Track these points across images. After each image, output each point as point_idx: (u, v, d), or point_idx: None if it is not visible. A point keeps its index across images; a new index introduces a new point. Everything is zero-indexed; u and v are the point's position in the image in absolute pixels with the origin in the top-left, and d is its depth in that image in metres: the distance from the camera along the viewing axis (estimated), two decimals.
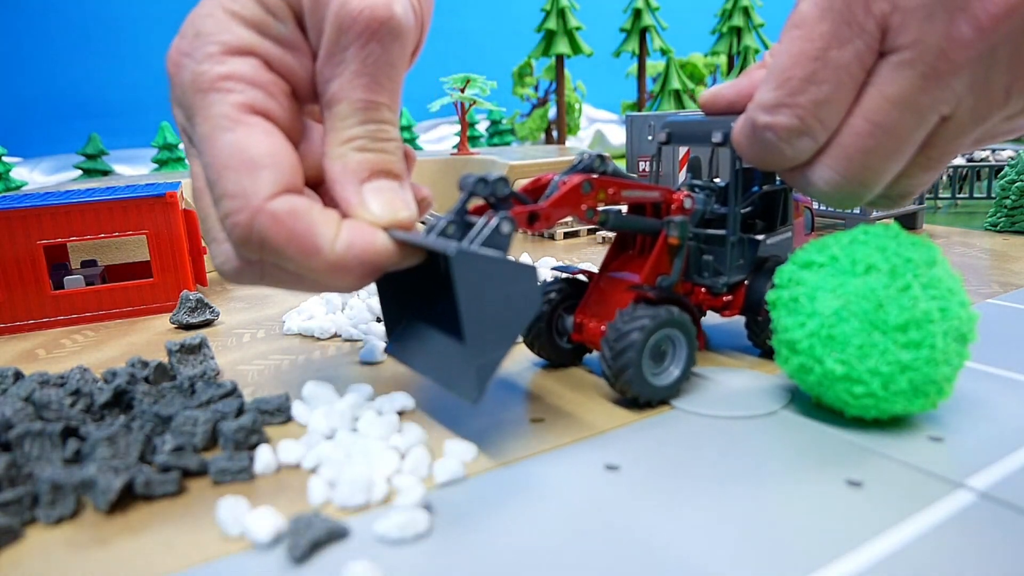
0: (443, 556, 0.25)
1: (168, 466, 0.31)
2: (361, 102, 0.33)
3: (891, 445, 0.31)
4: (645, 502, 0.28)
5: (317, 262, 0.31)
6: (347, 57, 0.32)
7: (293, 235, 0.30)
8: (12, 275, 0.55)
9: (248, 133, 0.31)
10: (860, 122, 0.30)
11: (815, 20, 0.29)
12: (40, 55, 1.48)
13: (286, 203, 0.31)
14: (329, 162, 0.33)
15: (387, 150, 0.33)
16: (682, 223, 0.38)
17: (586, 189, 0.36)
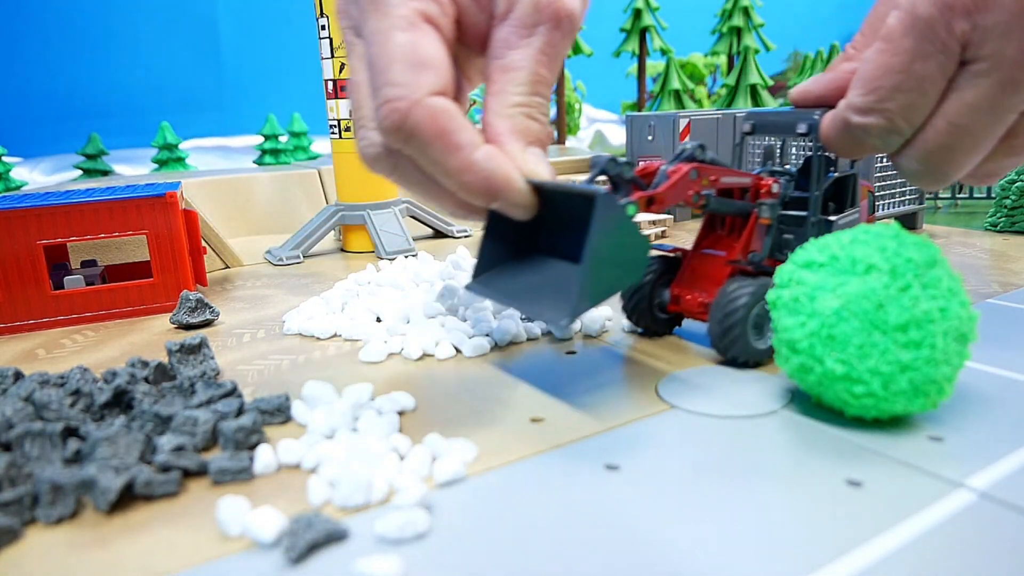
0: (443, 556, 0.25)
1: (168, 466, 0.31)
2: (538, 76, 0.36)
3: (891, 445, 0.31)
4: (645, 502, 0.28)
5: (454, 161, 0.34)
6: (535, 34, 0.36)
7: (442, 130, 0.33)
8: (12, 275, 0.55)
9: (421, 36, 0.34)
10: (942, 123, 0.34)
11: (900, 36, 0.33)
12: (40, 55, 1.48)
13: (443, 102, 0.33)
14: (497, 119, 0.36)
15: (545, 124, 0.37)
16: (773, 205, 0.43)
17: (693, 176, 0.40)
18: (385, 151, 0.36)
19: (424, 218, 0.87)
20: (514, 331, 0.47)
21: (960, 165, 0.35)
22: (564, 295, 0.34)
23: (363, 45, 0.36)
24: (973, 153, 0.34)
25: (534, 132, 0.36)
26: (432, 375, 0.43)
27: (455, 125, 0.33)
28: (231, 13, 1.67)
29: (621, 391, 0.39)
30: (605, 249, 0.33)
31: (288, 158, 1.36)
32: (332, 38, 0.74)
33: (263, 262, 0.78)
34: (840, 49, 1.44)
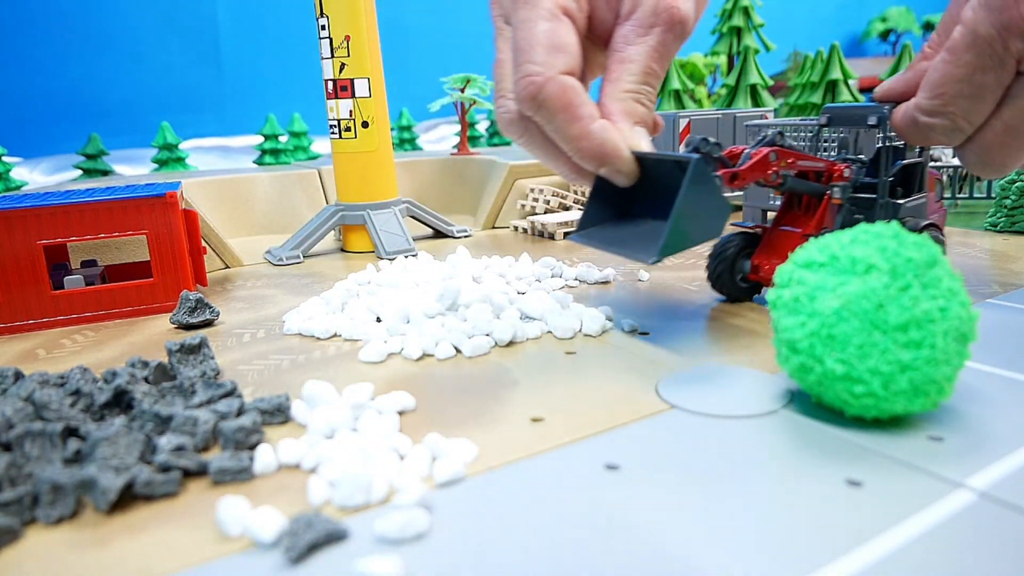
0: (443, 556, 0.25)
1: (168, 466, 0.31)
2: (649, 68, 0.43)
3: (891, 445, 0.31)
4: (645, 502, 0.28)
5: (575, 129, 0.41)
6: (651, 34, 0.42)
7: (568, 103, 0.40)
8: (12, 275, 0.55)
9: (559, 25, 0.41)
10: (999, 125, 0.40)
11: (962, 50, 0.38)
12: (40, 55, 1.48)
13: (571, 80, 0.41)
14: (611, 101, 0.42)
15: (650, 109, 0.44)
16: (844, 187, 0.49)
17: (772, 158, 0.47)
18: (518, 118, 0.43)
19: (424, 218, 0.87)
20: (514, 331, 0.47)
21: (1015, 159, 0.42)
22: (653, 241, 0.41)
23: (510, 31, 0.43)
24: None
25: (641, 115, 0.43)
26: (432, 375, 0.43)
27: (579, 100, 0.40)
28: (231, 13, 1.67)
29: (621, 391, 0.39)
30: (692, 205, 0.40)
31: (288, 158, 1.36)
32: (332, 38, 0.74)
33: (263, 262, 0.78)
34: (840, 49, 1.44)
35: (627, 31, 0.43)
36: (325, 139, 1.50)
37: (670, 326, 0.50)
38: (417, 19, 1.92)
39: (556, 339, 0.48)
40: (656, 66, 0.43)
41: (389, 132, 0.81)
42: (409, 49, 1.87)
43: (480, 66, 1.12)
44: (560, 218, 0.84)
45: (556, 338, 0.48)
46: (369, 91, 0.76)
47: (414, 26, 1.92)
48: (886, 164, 0.50)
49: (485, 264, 0.63)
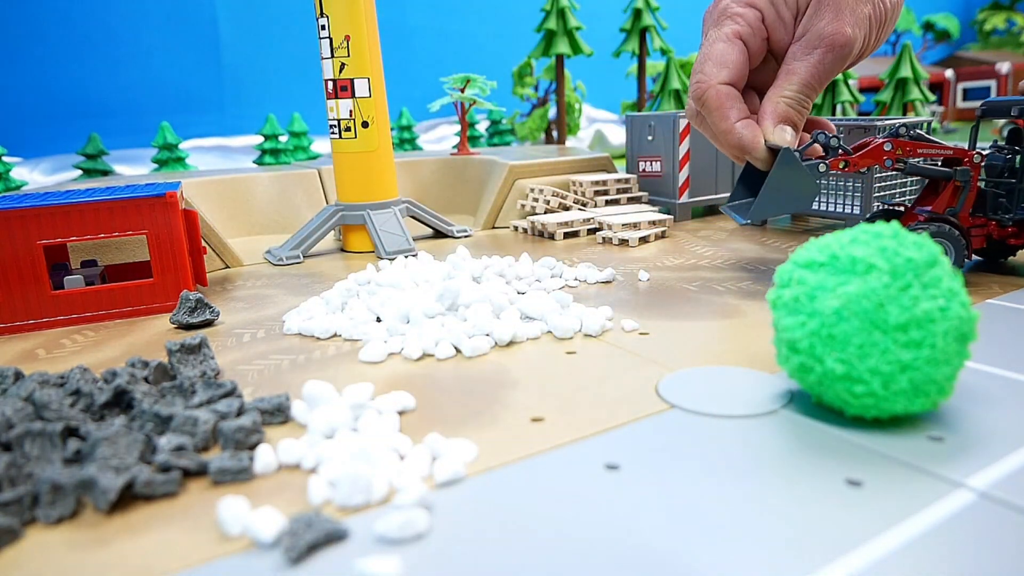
0: (443, 556, 0.25)
1: (168, 466, 0.31)
2: (808, 82, 0.53)
3: (891, 445, 0.31)
4: (645, 502, 0.28)
5: (724, 125, 0.53)
6: (814, 53, 0.52)
7: (720, 105, 0.53)
8: (12, 275, 0.55)
9: (730, 47, 0.54)
10: None
11: None
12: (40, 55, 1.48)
13: (726, 89, 0.53)
14: (768, 102, 0.53)
15: (800, 113, 0.53)
16: (963, 171, 0.54)
17: (887, 147, 0.54)
18: (692, 112, 0.57)
19: (424, 218, 0.87)
20: (514, 331, 0.47)
21: None
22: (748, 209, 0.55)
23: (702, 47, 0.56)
24: None
25: (790, 117, 0.53)
26: (432, 375, 0.43)
27: (730, 104, 0.53)
28: (231, 13, 1.67)
29: (621, 391, 0.39)
30: (780, 182, 0.52)
31: (288, 158, 1.36)
32: (332, 38, 0.74)
33: (263, 262, 0.78)
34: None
35: (796, 49, 0.53)
36: (325, 139, 1.50)
37: (670, 326, 0.50)
38: (417, 19, 1.92)
39: (556, 339, 0.48)
40: (815, 81, 0.53)
41: (389, 132, 0.81)
42: (409, 49, 1.87)
43: (480, 66, 1.12)
44: (560, 218, 0.84)
45: (556, 338, 0.48)
46: (369, 91, 0.76)
47: (414, 26, 1.92)
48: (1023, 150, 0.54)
49: (485, 264, 0.63)
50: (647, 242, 0.79)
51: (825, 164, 0.53)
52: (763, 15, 0.54)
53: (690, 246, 0.76)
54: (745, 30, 0.54)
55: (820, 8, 0.53)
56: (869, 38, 0.55)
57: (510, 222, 0.90)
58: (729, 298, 0.56)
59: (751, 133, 0.53)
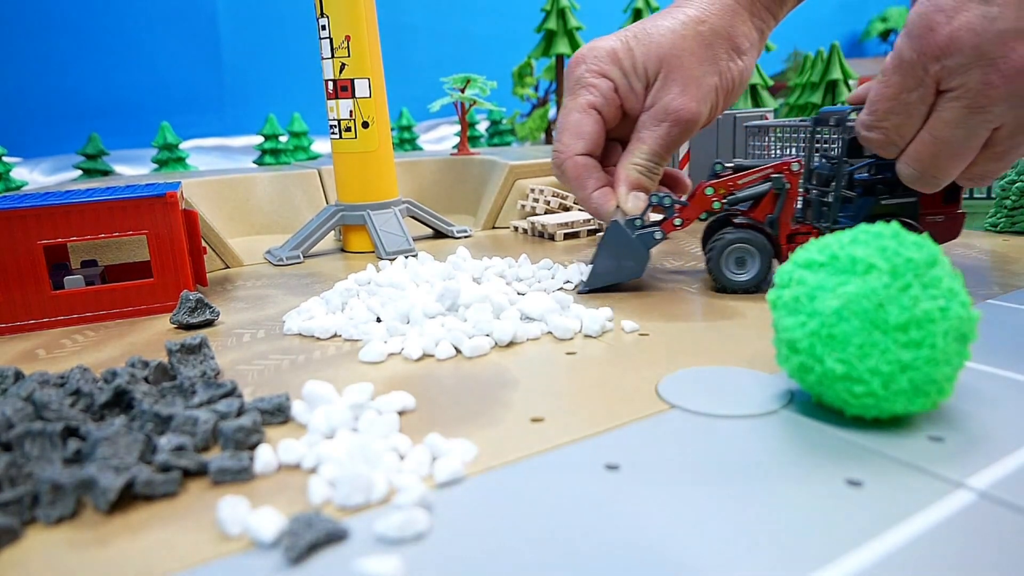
0: (443, 556, 0.25)
1: (168, 466, 0.31)
2: (653, 151, 0.58)
3: (891, 445, 0.31)
4: (645, 502, 0.28)
5: (581, 194, 0.59)
6: (661, 125, 0.57)
7: (578, 175, 0.58)
8: (12, 275, 0.55)
9: (585, 119, 0.58)
10: (928, 136, 0.44)
11: (891, 72, 0.44)
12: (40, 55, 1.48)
13: (583, 160, 0.58)
14: (621, 168, 0.58)
15: (650, 178, 0.58)
16: (777, 178, 0.55)
17: (709, 192, 0.57)
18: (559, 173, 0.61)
19: (424, 218, 0.87)
20: (514, 331, 0.47)
21: (946, 169, 0.45)
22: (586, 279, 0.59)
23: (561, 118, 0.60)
24: (955, 160, 0.44)
25: (641, 183, 0.58)
26: (432, 375, 0.43)
27: (587, 174, 0.58)
28: (231, 13, 1.67)
29: (621, 391, 0.39)
30: (611, 253, 0.57)
31: (288, 158, 1.36)
32: (332, 38, 0.74)
33: (263, 262, 0.78)
34: (840, 49, 1.44)
35: (646, 118, 0.57)
36: (325, 139, 1.50)
37: (670, 326, 0.50)
38: (417, 19, 1.92)
39: (556, 339, 0.48)
40: (662, 150, 0.57)
41: (389, 132, 0.81)
42: (409, 49, 1.88)
43: (480, 66, 1.12)
44: (560, 219, 0.84)
45: (556, 338, 0.48)
46: (369, 91, 0.76)
47: (414, 26, 1.92)
48: (840, 161, 0.54)
49: (485, 265, 0.63)
50: None
51: (661, 232, 0.57)
52: (616, 85, 0.57)
53: (690, 247, 0.76)
54: (599, 100, 0.57)
55: (668, 82, 0.56)
56: (716, 107, 0.58)
57: (510, 222, 0.90)
58: (729, 298, 0.56)
59: (606, 202, 0.58)
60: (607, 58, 0.57)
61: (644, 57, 0.56)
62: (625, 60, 0.57)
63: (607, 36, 0.59)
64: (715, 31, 0.56)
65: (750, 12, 0.58)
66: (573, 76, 0.59)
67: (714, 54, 0.56)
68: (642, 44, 0.56)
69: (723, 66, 0.57)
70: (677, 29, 0.56)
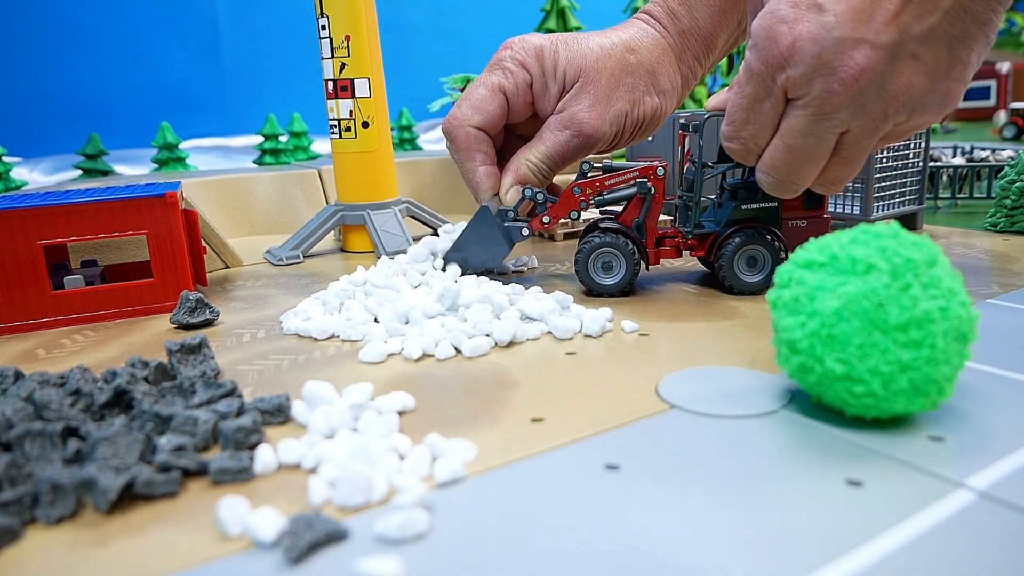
0: (443, 556, 0.25)
1: (168, 466, 0.31)
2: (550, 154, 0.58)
3: (891, 445, 0.31)
4: (645, 502, 0.28)
5: (467, 166, 0.59)
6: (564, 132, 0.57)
7: (467, 147, 0.58)
8: (12, 275, 0.55)
9: (490, 97, 0.58)
10: (779, 143, 0.45)
11: (744, 83, 0.44)
12: (40, 55, 1.47)
13: (475, 133, 0.58)
14: (514, 159, 0.59)
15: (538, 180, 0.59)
16: (642, 183, 0.56)
17: (576, 192, 0.57)
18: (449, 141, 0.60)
19: (424, 218, 0.87)
20: (514, 331, 0.47)
21: (800, 175, 0.46)
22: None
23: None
24: (808, 165, 0.45)
25: (526, 179, 0.58)
26: (432, 375, 0.43)
27: (477, 147, 0.58)
28: (231, 13, 1.66)
29: (621, 391, 0.39)
30: (474, 236, 0.59)
31: (288, 158, 1.36)
32: (332, 38, 0.74)
33: (263, 262, 0.78)
34: None
35: (552, 121, 0.58)
36: (325, 139, 1.50)
37: (670, 326, 0.50)
38: (417, 19, 1.92)
39: (556, 339, 0.48)
40: (559, 157, 0.57)
41: (389, 132, 0.81)
42: (409, 49, 1.87)
43: (480, 66, 1.12)
44: None
45: (556, 338, 0.48)
46: (369, 91, 0.76)
47: (414, 26, 1.92)
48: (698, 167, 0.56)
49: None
50: None
51: (528, 228, 0.58)
52: (532, 80, 0.57)
53: None
54: (510, 87, 0.57)
55: (581, 92, 0.56)
56: (622, 134, 0.58)
57: None
58: (729, 298, 0.56)
59: (488, 181, 0.58)
60: (532, 52, 0.58)
61: (567, 63, 0.57)
62: (548, 60, 0.57)
63: (540, 34, 0.60)
64: (641, 63, 0.58)
65: (679, 57, 0.60)
66: (496, 57, 0.59)
67: (633, 83, 0.57)
68: (569, 50, 0.57)
69: (638, 96, 0.57)
70: (606, 47, 0.58)
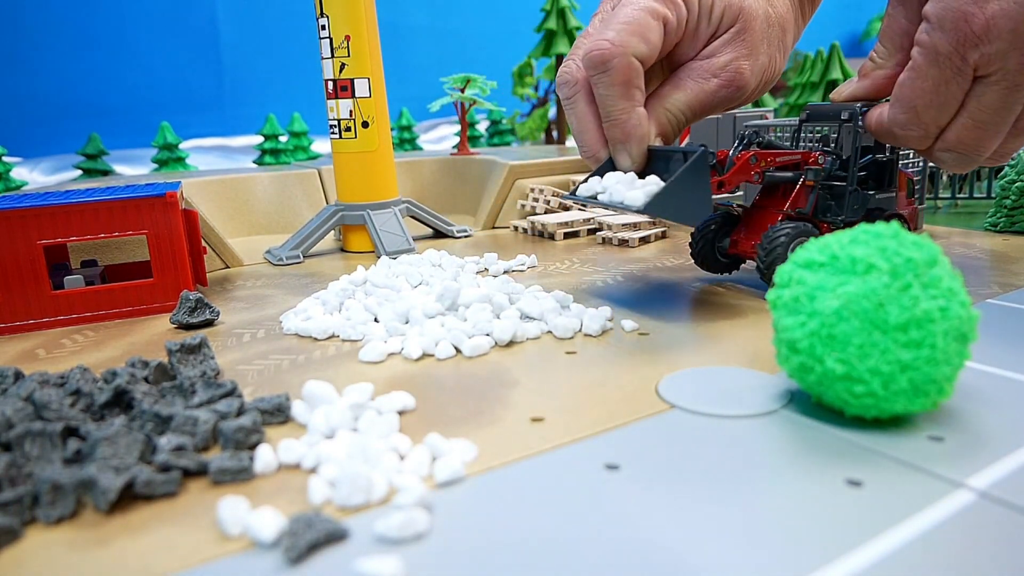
0: (443, 556, 0.25)
1: (168, 466, 0.31)
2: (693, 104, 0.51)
3: (891, 445, 0.31)
4: (645, 502, 0.28)
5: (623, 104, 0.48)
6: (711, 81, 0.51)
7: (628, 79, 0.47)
8: (12, 275, 0.55)
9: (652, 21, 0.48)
10: (967, 121, 0.45)
11: (927, 67, 0.44)
12: (40, 55, 1.48)
13: (638, 64, 0.47)
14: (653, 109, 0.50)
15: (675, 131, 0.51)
16: (816, 171, 0.53)
17: (753, 161, 0.52)
18: (573, 80, 0.50)
19: (424, 218, 0.87)
20: (514, 331, 0.47)
21: (987, 147, 0.46)
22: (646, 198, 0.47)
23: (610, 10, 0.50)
24: (995, 138, 0.45)
25: (666, 132, 0.51)
26: (432, 375, 0.43)
27: (638, 82, 0.48)
28: (231, 13, 1.67)
29: (621, 391, 0.39)
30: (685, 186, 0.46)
31: (288, 158, 1.36)
32: (332, 38, 0.74)
33: (263, 262, 0.78)
34: (840, 49, 1.44)
35: (695, 67, 0.50)
36: (325, 139, 1.50)
37: (670, 326, 0.50)
38: (417, 19, 1.92)
39: (556, 339, 0.48)
40: (700, 107, 0.51)
41: (389, 132, 0.81)
42: (409, 49, 1.87)
43: (480, 66, 1.12)
44: (560, 218, 0.84)
45: (556, 338, 0.48)
46: (369, 91, 0.76)
47: (414, 26, 1.92)
48: (855, 156, 0.53)
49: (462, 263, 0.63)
50: (647, 242, 0.79)
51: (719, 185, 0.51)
52: (688, 16, 0.50)
53: None
54: (671, 19, 0.48)
55: (738, 38, 0.50)
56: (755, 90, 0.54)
57: (510, 222, 0.90)
58: (729, 298, 0.56)
59: (646, 125, 0.49)
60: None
61: (725, 3, 0.50)
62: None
63: None
64: (779, 16, 0.53)
65: (800, 15, 0.57)
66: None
67: (771, 36, 0.52)
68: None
69: (774, 52, 0.53)
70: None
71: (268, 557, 0.26)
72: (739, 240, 0.57)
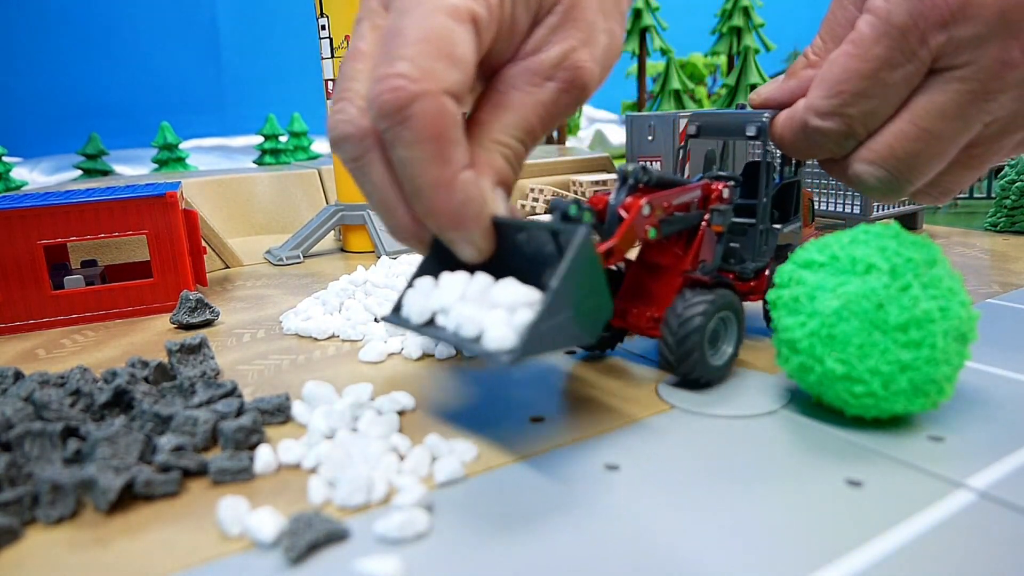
0: (443, 556, 0.25)
1: (168, 466, 0.31)
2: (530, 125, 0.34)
3: (891, 445, 0.31)
4: (645, 502, 0.28)
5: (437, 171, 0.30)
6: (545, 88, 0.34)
7: (440, 134, 0.30)
8: (12, 275, 0.55)
9: (462, 31, 0.30)
10: (906, 126, 0.33)
11: (871, 42, 0.33)
12: (40, 55, 1.48)
13: (452, 105, 0.30)
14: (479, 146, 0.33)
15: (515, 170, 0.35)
16: (726, 211, 0.39)
17: (646, 212, 0.36)
18: (360, 133, 0.32)
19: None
20: None
21: (922, 171, 0.34)
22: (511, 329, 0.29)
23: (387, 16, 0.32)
24: (937, 159, 0.34)
25: (505, 174, 0.34)
26: (432, 375, 0.43)
27: (455, 136, 0.30)
28: (231, 13, 1.67)
29: (621, 391, 0.39)
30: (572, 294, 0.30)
31: (288, 158, 1.36)
32: (332, 38, 0.74)
33: (263, 262, 0.78)
34: None
35: (520, 71, 0.34)
36: (325, 139, 1.50)
37: None
38: None
39: None
40: (539, 125, 0.34)
41: None
42: None
43: None
44: None
45: None
46: None
47: None
48: (766, 183, 0.41)
49: None
50: None
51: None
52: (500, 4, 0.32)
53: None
54: (480, 13, 0.31)
55: (566, 22, 0.34)
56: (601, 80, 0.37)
57: None
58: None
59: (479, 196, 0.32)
60: None
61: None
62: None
63: None
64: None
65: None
66: None
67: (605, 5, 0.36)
68: None
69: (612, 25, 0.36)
70: None
71: (268, 557, 0.26)
72: (628, 309, 0.40)
